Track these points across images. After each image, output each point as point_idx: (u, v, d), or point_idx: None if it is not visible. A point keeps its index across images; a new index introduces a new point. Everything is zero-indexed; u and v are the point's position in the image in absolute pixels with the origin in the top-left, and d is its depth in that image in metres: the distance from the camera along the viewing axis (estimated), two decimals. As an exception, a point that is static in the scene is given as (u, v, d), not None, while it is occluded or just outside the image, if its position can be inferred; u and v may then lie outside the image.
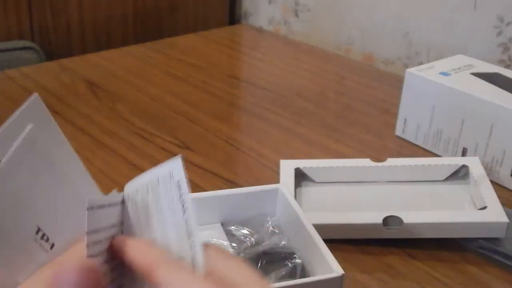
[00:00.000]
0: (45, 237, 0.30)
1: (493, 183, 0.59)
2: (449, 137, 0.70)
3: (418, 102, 0.73)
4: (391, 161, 0.62)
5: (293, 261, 0.48)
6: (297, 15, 1.22)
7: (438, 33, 0.99)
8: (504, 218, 0.53)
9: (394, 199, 0.59)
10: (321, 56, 1.06)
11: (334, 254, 0.45)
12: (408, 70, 0.74)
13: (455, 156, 0.69)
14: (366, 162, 0.62)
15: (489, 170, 0.66)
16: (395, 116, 0.76)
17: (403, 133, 0.75)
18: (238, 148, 0.73)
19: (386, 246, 0.55)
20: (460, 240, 0.55)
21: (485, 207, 0.55)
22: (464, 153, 0.69)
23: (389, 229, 0.54)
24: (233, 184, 0.64)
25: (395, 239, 0.55)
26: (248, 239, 0.50)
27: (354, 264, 0.53)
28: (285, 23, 1.25)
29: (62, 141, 0.32)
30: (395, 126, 0.76)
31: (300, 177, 0.61)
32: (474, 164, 0.61)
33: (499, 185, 0.66)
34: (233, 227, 0.52)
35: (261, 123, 0.79)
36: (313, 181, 0.62)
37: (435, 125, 0.71)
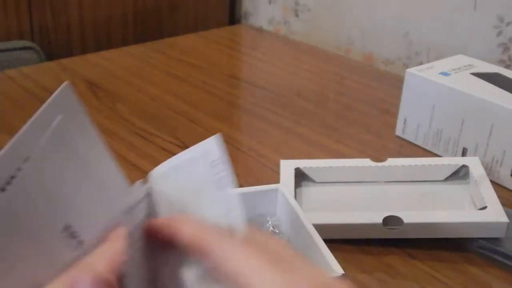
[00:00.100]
0: (74, 234, 0.29)
1: (493, 183, 0.59)
2: (449, 137, 0.70)
3: (418, 102, 0.73)
4: (391, 161, 0.62)
5: (293, 261, 0.48)
6: (297, 15, 1.22)
7: (438, 33, 0.99)
8: (504, 218, 0.53)
9: (394, 199, 0.59)
10: (321, 56, 1.06)
11: (334, 254, 0.45)
12: (408, 70, 0.73)
13: (455, 156, 0.69)
14: (366, 162, 0.62)
15: (489, 170, 0.66)
16: (395, 116, 0.76)
17: (403, 133, 0.75)
18: (238, 148, 0.73)
19: (386, 246, 0.55)
20: (460, 240, 0.55)
21: (485, 207, 0.55)
22: (464, 153, 0.69)
23: (389, 229, 0.54)
24: (233, 184, 0.64)
25: (395, 239, 0.55)
26: (248, 239, 0.50)
27: (354, 264, 0.53)
28: (285, 23, 1.25)
29: (91, 132, 0.31)
30: (395, 126, 0.76)
31: (300, 177, 0.61)
32: (474, 164, 0.61)
33: (499, 185, 0.66)
34: (233, 227, 0.52)
35: (261, 123, 0.79)
36: (313, 181, 0.62)
37: (435, 125, 0.71)
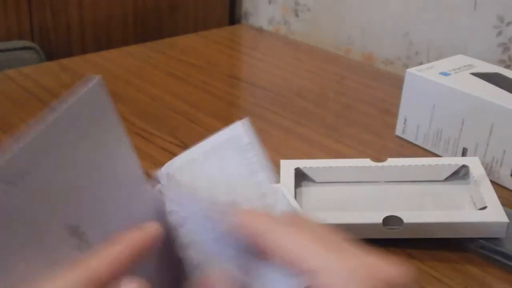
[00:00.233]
0: (82, 236, 0.28)
1: (493, 183, 0.59)
2: (449, 137, 0.70)
3: (418, 102, 0.73)
4: (391, 161, 0.62)
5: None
6: (297, 15, 1.22)
7: (438, 33, 0.99)
8: (504, 218, 0.53)
9: (394, 199, 0.59)
10: (321, 56, 1.06)
11: (334, 254, 0.45)
12: (408, 70, 0.73)
13: (455, 156, 0.69)
14: (366, 162, 0.62)
15: (489, 170, 0.66)
16: (395, 116, 0.76)
17: (403, 133, 0.75)
18: (238, 148, 0.73)
19: (386, 246, 0.55)
20: (460, 240, 0.55)
21: (485, 207, 0.55)
22: (464, 153, 0.69)
23: (389, 229, 0.54)
24: (233, 184, 0.64)
25: (395, 239, 0.55)
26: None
27: (354, 264, 0.53)
28: (285, 23, 1.25)
29: (119, 131, 0.30)
30: (395, 126, 0.76)
31: (300, 177, 0.61)
32: (474, 164, 0.61)
33: (499, 185, 0.66)
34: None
35: (261, 123, 0.79)
36: (313, 181, 0.62)
37: (435, 125, 0.71)
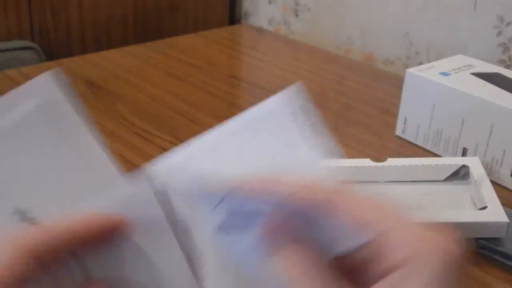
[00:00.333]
0: (32, 220, 0.28)
1: (493, 183, 0.59)
2: (449, 137, 0.70)
3: (418, 102, 0.73)
4: (391, 161, 0.62)
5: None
6: (297, 15, 1.22)
7: (438, 33, 0.99)
8: (504, 218, 0.53)
9: (394, 199, 0.59)
10: (321, 56, 1.06)
11: (334, 254, 0.45)
12: (408, 70, 0.73)
13: (455, 156, 0.69)
14: (366, 162, 0.62)
15: (489, 170, 0.66)
16: (395, 116, 0.76)
17: (403, 133, 0.75)
18: (238, 148, 0.73)
19: (386, 246, 0.55)
20: (460, 240, 0.55)
21: (485, 207, 0.55)
22: (464, 153, 0.69)
23: (389, 229, 0.54)
24: (233, 184, 0.64)
25: (395, 239, 0.54)
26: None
27: (354, 264, 0.53)
28: (285, 23, 1.25)
29: (74, 119, 0.31)
30: (395, 126, 0.76)
31: (300, 177, 0.61)
32: (474, 164, 0.61)
33: (499, 185, 0.66)
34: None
35: (261, 123, 0.79)
36: (313, 181, 0.62)
37: (435, 125, 0.71)
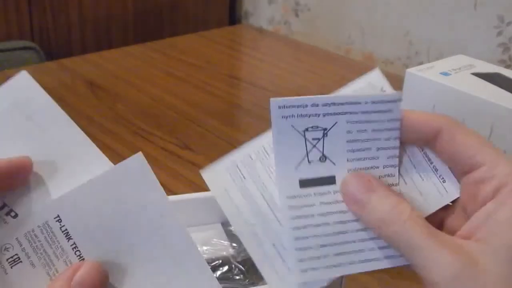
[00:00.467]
0: (10, 212, 0.29)
1: (493, 183, 0.59)
2: (449, 137, 0.70)
3: (418, 102, 0.73)
4: (391, 161, 0.62)
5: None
6: (297, 15, 1.22)
7: (438, 33, 0.99)
8: (504, 218, 0.53)
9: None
10: (321, 56, 1.06)
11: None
12: (408, 70, 0.73)
13: (455, 156, 0.69)
14: (366, 162, 0.62)
15: (489, 170, 0.66)
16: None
17: (403, 133, 0.75)
18: (238, 148, 0.73)
19: (386, 246, 0.55)
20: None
21: None
22: (464, 153, 0.69)
23: (389, 229, 0.54)
24: (233, 184, 0.64)
25: (395, 239, 0.54)
26: (248, 239, 0.50)
27: (354, 264, 0.53)
28: (285, 23, 1.25)
29: (52, 110, 0.30)
30: (395, 126, 0.76)
31: (300, 177, 0.61)
32: (474, 164, 0.61)
33: (499, 185, 0.66)
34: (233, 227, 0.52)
35: (261, 123, 0.79)
36: (313, 181, 0.62)
37: (435, 125, 0.71)
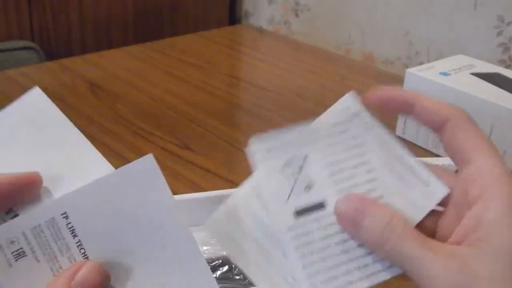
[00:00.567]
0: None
1: (493, 183, 0.59)
2: (449, 137, 0.70)
3: (418, 102, 0.73)
4: (391, 161, 0.62)
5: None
6: (297, 15, 1.22)
7: (438, 33, 0.99)
8: (504, 218, 0.53)
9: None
10: (321, 56, 1.06)
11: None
12: (408, 70, 0.74)
13: (455, 156, 0.69)
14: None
15: (489, 170, 0.66)
16: (395, 116, 0.76)
17: (403, 134, 0.75)
18: (238, 148, 0.73)
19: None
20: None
21: None
22: (464, 153, 0.69)
23: (389, 229, 0.54)
24: (233, 184, 0.64)
25: (395, 239, 0.54)
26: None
27: (354, 264, 0.53)
28: (285, 23, 1.25)
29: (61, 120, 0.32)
30: (395, 127, 0.76)
31: (300, 177, 0.61)
32: (474, 164, 0.61)
33: (499, 185, 0.66)
34: (233, 227, 0.52)
35: (261, 123, 0.79)
36: (313, 181, 0.62)
37: (435, 125, 0.71)
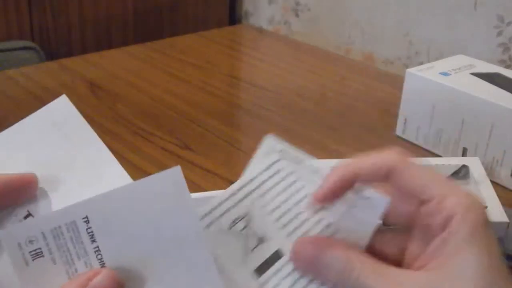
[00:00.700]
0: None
1: (493, 183, 0.59)
2: (449, 137, 0.70)
3: (418, 102, 0.73)
4: (391, 161, 0.62)
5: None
6: (297, 15, 1.22)
7: (438, 33, 0.99)
8: (504, 218, 0.53)
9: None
10: (321, 56, 1.06)
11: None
12: (408, 70, 0.73)
13: (455, 156, 0.69)
14: (366, 162, 0.62)
15: (489, 170, 0.66)
16: (395, 116, 0.76)
17: (403, 133, 0.75)
18: (238, 148, 0.73)
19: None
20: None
21: (485, 207, 0.55)
22: (464, 153, 0.69)
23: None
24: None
25: (395, 239, 0.54)
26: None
27: (354, 264, 0.53)
28: (285, 23, 1.25)
29: (86, 132, 0.37)
30: (395, 126, 0.76)
31: (300, 177, 0.61)
32: (474, 164, 0.61)
33: (499, 185, 0.66)
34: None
35: (261, 123, 0.79)
36: (313, 181, 0.62)
37: (435, 125, 0.71)
